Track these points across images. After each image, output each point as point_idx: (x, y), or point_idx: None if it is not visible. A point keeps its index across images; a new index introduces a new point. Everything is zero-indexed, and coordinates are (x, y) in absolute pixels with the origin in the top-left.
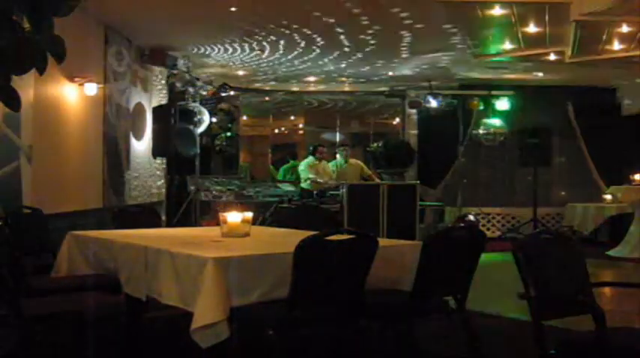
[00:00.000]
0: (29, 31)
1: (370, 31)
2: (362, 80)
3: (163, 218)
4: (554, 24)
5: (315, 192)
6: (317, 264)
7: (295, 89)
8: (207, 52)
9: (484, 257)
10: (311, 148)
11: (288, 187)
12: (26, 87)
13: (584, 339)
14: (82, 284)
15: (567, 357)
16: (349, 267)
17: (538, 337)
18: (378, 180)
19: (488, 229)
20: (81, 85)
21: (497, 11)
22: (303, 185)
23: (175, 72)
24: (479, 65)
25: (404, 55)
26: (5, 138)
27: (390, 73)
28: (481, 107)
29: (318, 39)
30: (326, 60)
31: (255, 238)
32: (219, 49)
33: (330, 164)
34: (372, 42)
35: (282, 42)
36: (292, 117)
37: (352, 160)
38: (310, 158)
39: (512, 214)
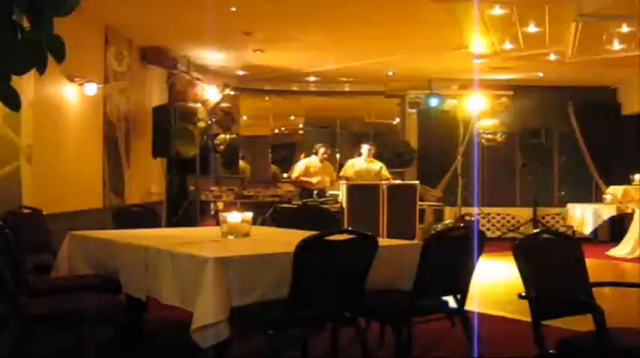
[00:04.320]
0: (29, 31)
1: (370, 31)
2: (362, 80)
3: (163, 218)
4: (554, 24)
5: (315, 192)
6: (317, 264)
7: (295, 89)
8: (207, 52)
9: (484, 257)
10: (314, 149)
11: (288, 187)
12: (26, 87)
13: (584, 339)
14: (82, 284)
15: (567, 357)
16: (349, 267)
17: (538, 337)
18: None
19: (488, 229)
20: (81, 84)
21: (497, 11)
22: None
23: (175, 72)
24: (479, 65)
25: (404, 55)
26: (5, 138)
27: (390, 73)
28: (481, 107)
29: (318, 38)
30: (326, 59)
31: (255, 238)
32: (219, 49)
33: (349, 161)
34: (372, 41)
35: (282, 42)
36: (292, 117)
37: (374, 160)
38: (312, 157)
39: (512, 214)
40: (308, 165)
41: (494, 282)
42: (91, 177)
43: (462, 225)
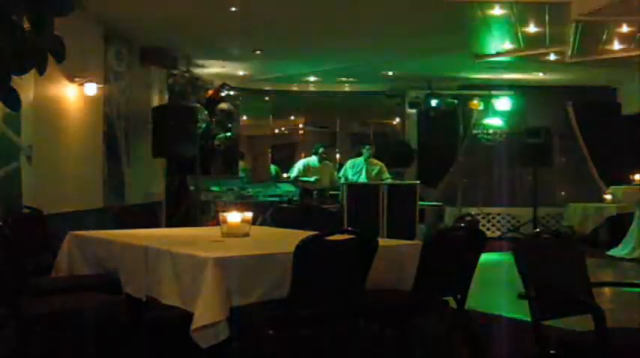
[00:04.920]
0: (29, 31)
1: (370, 31)
2: (362, 80)
3: (163, 218)
4: (554, 24)
5: (315, 192)
6: (317, 264)
7: (295, 89)
8: (207, 52)
9: (484, 257)
10: (314, 149)
11: (288, 187)
12: (26, 87)
13: (584, 339)
14: (82, 284)
15: (567, 357)
16: (349, 267)
17: (538, 337)
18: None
19: (488, 229)
20: (81, 84)
21: (497, 11)
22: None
23: (175, 72)
24: (479, 65)
25: (404, 55)
26: (5, 138)
27: (390, 73)
28: (481, 107)
29: (319, 38)
30: (326, 60)
31: (255, 238)
32: (219, 49)
33: (349, 162)
34: (372, 41)
35: (282, 42)
36: (292, 117)
37: (374, 160)
38: (312, 158)
39: (512, 214)
40: (307, 165)
41: (495, 282)
42: (91, 177)
43: (462, 224)
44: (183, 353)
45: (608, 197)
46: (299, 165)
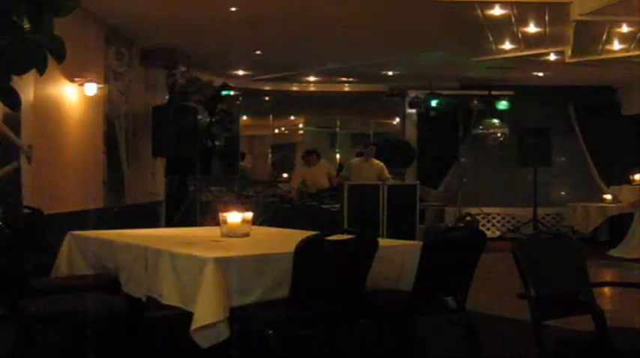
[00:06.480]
0: (29, 31)
1: (370, 31)
2: (362, 80)
3: (163, 218)
4: (554, 24)
5: (314, 192)
6: (317, 264)
7: (295, 89)
8: (207, 52)
9: (484, 257)
10: (302, 154)
11: (288, 187)
12: (26, 87)
13: (584, 339)
14: (82, 284)
15: (567, 357)
16: (349, 267)
17: (538, 337)
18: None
19: (488, 229)
20: (81, 85)
21: (497, 11)
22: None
23: (175, 72)
24: (479, 65)
25: (404, 55)
26: (5, 138)
27: (390, 73)
28: (481, 107)
29: (318, 38)
30: (326, 60)
31: (255, 238)
32: (219, 49)
33: (349, 162)
34: (372, 42)
35: (282, 42)
36: (292, 117)
37: (374, 160)
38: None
39: (512, 214)
40: (303, 174)
41: (495, 282)
42: (91, 177)
43: (462, 225)
44: (183, 353)
45: (608, 197)
46: (296, 175)
